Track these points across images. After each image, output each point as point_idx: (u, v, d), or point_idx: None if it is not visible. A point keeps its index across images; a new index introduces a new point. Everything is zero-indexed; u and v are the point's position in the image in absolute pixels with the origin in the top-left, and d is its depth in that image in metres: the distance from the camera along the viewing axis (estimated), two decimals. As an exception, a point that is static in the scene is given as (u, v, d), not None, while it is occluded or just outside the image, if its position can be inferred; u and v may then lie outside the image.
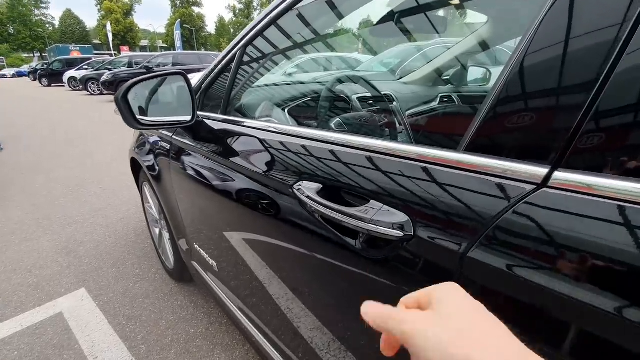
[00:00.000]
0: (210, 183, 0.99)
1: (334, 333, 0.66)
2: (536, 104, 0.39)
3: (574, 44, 0.36)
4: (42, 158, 4.22)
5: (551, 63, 0.38)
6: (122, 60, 13.26)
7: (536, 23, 0.39)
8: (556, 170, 0.35)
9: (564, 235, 0.33)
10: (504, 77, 0.41)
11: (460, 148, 0.44)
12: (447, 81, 1.67)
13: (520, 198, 0.37)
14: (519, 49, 0.40)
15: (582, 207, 0.33)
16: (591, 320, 0.31)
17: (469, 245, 0.39)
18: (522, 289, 0.35)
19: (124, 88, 0.86)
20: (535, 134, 0.38)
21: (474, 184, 0.41)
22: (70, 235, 2.28)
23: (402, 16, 1.26)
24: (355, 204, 0.53)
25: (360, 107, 1.21)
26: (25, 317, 1.51)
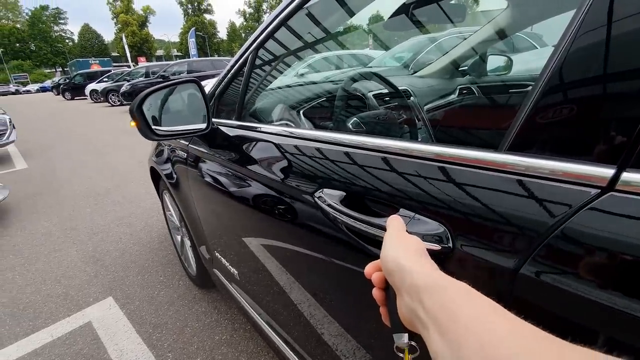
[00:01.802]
0: (228, 190, 0.98)
1: (358, 341, 0.63)
2: (596, 93, 0.33)
3: (629, 21, 0.30)
4: (67, 169, 4.38)
5: (612, 42, 0.31)
6: (140, 70, 13.63)
7: (587, 2, 0.33)
8: (625, 171, 0.30)
9: (637, 246, 0.28)
10: (554, 62, 0.35)
11: (503, 147, 0.38)
12: (467, 73, 1.59)
13: (582, 205, 0.31)
14: (573, 26, 0.34)
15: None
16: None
17: (522, 261, 0.34)
18: (585, 311, 0.30)
19: (138, 99, 0.86)
20: (596, 129, 0.33)
21: (523, 188, 0.36)
22: (97, 244, 2.33)
23: (416, 7, 1.20)
24: (383, 213, 0.49)
25: (376, 104, 1.17)
26: (56, 328, 1.55)
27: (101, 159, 4.82)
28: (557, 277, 0.31)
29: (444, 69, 1.60)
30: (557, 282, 0.31)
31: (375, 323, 0.54)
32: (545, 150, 0.36)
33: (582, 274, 0.30)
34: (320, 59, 3.35)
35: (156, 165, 1.59)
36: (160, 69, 11.63)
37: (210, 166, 1.07)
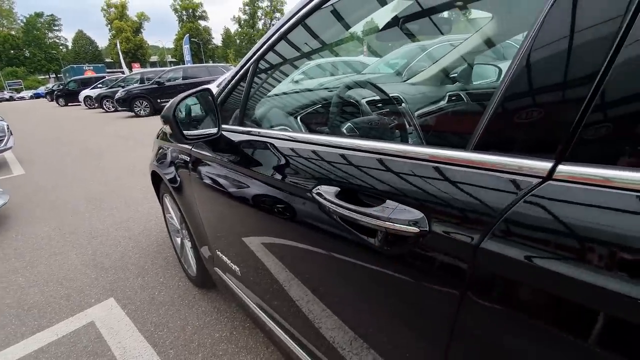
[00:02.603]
0: (230, 191, 1.04)
1: (356, 330, 0.69)
2: (539, 100, 0.41)
3: (575, 39, 0.38)
4: (64, 174, 4.39)
5: (553, 59, 0.40)
6: (134, 77, 13.66)
7: (538, 21, 0.41)
8: (560, 164, 0.38)
9: (569, 225, 0.36)
10: (509, 75, 0.43)
11: (469, 147, 0.47)
12: (454, 80, 1.69)
13: (526, 192, 0.39)
14: (523, 46, 0.42)
15: (586, 197, 0.36)
16: (598, 303, 0.33)
17: (481, 237, 0.42)
18: (531, 276, 0.37)
19: (172, 106, 0.94)
20: (539, 130, 0.41)
21: (483, 180, 0.44)
22: (96, 248, 2.37)
23: (406, 20, 1.29)
24: (372, 204, 0.57)
25: (369, 111, 1.25)
26: (60, 327, 1.59)
27: (98, 164, 4.85)
28: (509, 249, 0.39)
29: (434, 76, 1.69)
30: (510, 253, 0.39)
31: (373, 313, 0.61)
32: (499, 148, 0.44)
33: (528, 246, 0.38)
34: (316, 66, 3.44)
35: (158, 169, 1.64)
36: (155, 75, 11.67)
37: (213, 168, 1.14)
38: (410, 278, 0.52)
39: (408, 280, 0.52)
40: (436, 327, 0.47)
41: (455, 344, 0.45)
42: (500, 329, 0.40)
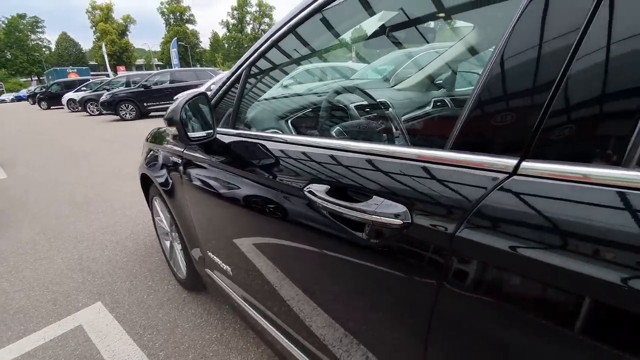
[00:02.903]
0: (223, 192, 1.07)
1: (347, 323, 0.73)
2: (505, 106, 0.47)
3: (534, 53, 0.44)
4: (48, 179, 4.30)
5: (516, 70, 0.46)
6: (120, 80, 13.47)
7: (504, 36, 0.47)
8: (523, 161, 0.43)
9: (532, 213, 0.41)
10: (480, 83, 0.49)
11: (447, 147, 0.52)
12: (438, 86, 1.76)
13: (495, 185, 0.45)
14: (491, 59, 0.48)
15: (546, 190, 0.41)
16: (559, 282, 0.38)
17: (457, 226, 0.47)
18: (502, 260, 0.42)
19: (179, 109, 0.97)
20: (505, 131, 0.46)
21: (458, 176, 0.50)
22: (82, 252, 2.34)
23: (392, 30, 1.35)
24: (360, 200, 0.61)
25: (357, 115, 1.30)
26: (47, 331, 1.57)
27: (82, 167, 4.77)
28: (482, 236, 0.44)
29: (419, 83, 1.76)
30: (482, 240, 0.44)
31: (363, 305, 0.65)
32: (473, 147, 0.49)
33: (499, 233, 0.43)
34: (306, 72, 3.49)
35: (148, 172, 1.65)
36: (142, 79, 11.55)
37: (206, 170, 1.17)
38: (396, 267, 0.56)
39: (394, 269, 0.56)
40: (420, 310, 0.52)
41: (437, 323, 0.50)
42: (476, 308, 0.45)
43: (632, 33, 0.36)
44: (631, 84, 0.37)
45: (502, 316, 0.43)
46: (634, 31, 0.36)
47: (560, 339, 0.38)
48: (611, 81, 0.38)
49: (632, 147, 0.35)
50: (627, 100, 0.37)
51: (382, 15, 1.29)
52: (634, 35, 0.36)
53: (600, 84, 0.39)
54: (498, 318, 0.43)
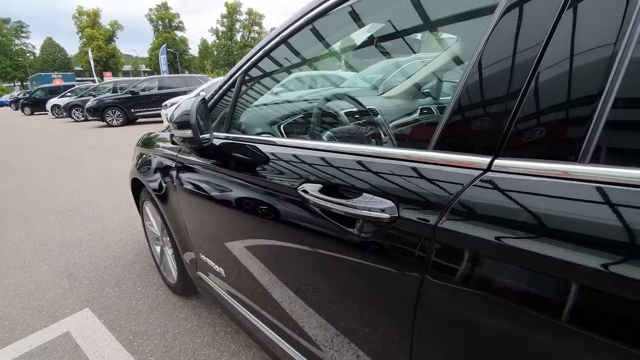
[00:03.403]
0: (217, 195, 1.10)
1: (340, 320, 0.76)
2: (479, 111, 0.52)
3: (503, 63, 0.50)
4: (32, 186, 4.21)
5: (488, 79, 0.52)
6: (107, 85, 13.31)
7: (479, 48, 0.53)
8: (496, 159, 0.49)
9: (504, 204, 0.46)
10: (458, 91, 0.55)
11: (430, 147, 0.57)
12: (423, 94, 1.84)
13: (471, 181, 0.50)
14: (467, 70, 0.54)
15: (516, 184, 0.46)
16: (533, 265, 0.43)
17: (439, 218, 0.51)
18: (480, 247, 0.47)
19: (194, 112, 1.00)
20: (480, 133, 0.52)
21: (439, 173, 0.55)
22: (69, 259, 2.31)
23: (380, 40, 1.42)
24: (351, 197, 0.65)
25: (347, 121, 1.35)
26: (34, 338, 1.55)
27: (68, 174, 4.68)
28: (461, 226, 0.49)
29: (406, 91, 1.83)
30: (461, 229, 0.49)
31: (356, 301, 0.69)
32: (452, 147, 0.55)
33: (475, 222, 0.48)
34: (297, 80, 3.55)
35: (140, 176, 1.66)
36: (129, 85, 11.44)
37: (200, 174, 1.19)
38: (385, 259, 0.60)
39: (383, 262, 0.60)
40: (408, 300, 0.56)
41: (423, 306, 0.54)
42: (459, 294, 0.49)
43: (586, 47, 0.43)
44: (584, 92, 0.43)
45: (484, 302, 0.47)
46: (588, 46, 0.42)
47: (536, 322, 0.42)
48: (569, 89, 0.44)
49: (586, 146, 0.41)
50: (582, 106, 0.43)
51: (370, 27, 1.35)
52: (588, 50, 0.42)
53: (560, 91, 0.44)
54: (480, 303, 0.47)
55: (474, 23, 0.70)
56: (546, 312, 0.41)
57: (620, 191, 0.38)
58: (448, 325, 0.52)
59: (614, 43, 0.40)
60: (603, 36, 0.41)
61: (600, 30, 0.41)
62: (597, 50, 0.41)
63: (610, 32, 0.40)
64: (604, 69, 0.40)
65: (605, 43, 0.41)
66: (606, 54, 0.40)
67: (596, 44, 0.42)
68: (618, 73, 0.39)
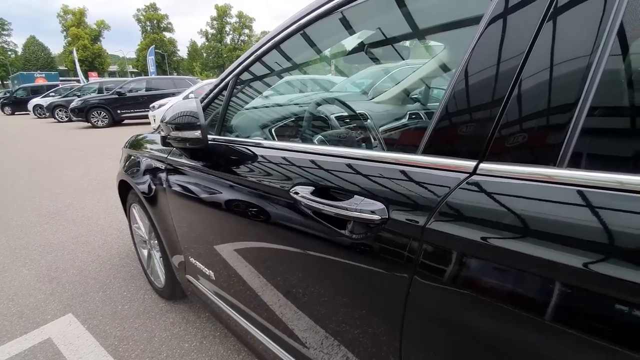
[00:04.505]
0: (208, 198, 1.09)
1: (331, 321, 0.76)
2: (465, 117, 0.55)
3: (487, 72, 0.53)
4: (13, 188, 4.09)
5: (473, 86, 0.54)
6: (92, 86, 13.04)
7: (465, 56, 0.55)
8: (481, 163, 0.51)
9: (489, 206, 0.48)
10: (445, 97, 0.57)
11: (418, 151, 0.60)
12: (412, 99, 1.88)
13: (458, 183, 0.52)
14: (453, 77, 0.57)
15: (500, 187, 0.49)
16: (512, 264, 0.45)
17: (427, 219, 0.53)
18: (466, 247, 0.49)
19: (200, 113, 1.00)
20: (466, 138, 0.54)
21: (427, 176, 0.57)
22: (51, 263, 2.24)
23: (371, 46, 1.45)
24: (342, 199, 0.67)
25: (338, 125, 1.37)
26: (12, 345, 1.50)
27: (51, 176, 4.56)
28: (449, 227, 0.51)
29: (395, 97, 1.87)
30: (449, 230, 0.51)
31: (348, 302, 0.70)
32: (440, 151, 0.57)
33: (462, 223, 0.50)
34: (287, 83, 3.56)
35: (128, 178, 1.64)
36: (116, 85, 11.24)
37: (190, 176, 1.18)
38: (376, 260, 0.62)
39: (374, 262, 0.62)
40: (398, 300, 0.57)
41: (412, 306, 0.56)
42: (447, 293, 0.51)
43: (565, 58, 0.45)
44: (562, 100, 0.45)
45: (469, 302, 0.49)
46: (566, 57, 0.45)
47: (522, 321, 0.44)
48: (549, 97, 0.46)
49: (564, 151, 0.44)
50: (560, 113, 0.45)
51: (361, 34, 1.38)
52: (566, 60, 0.45)
53: (541, 99, 0.47)
54: (468, 303, 0.49)
55: (460, 32, 0.72)
56: (531, 310, 0.42)
57: (597, 194, 0.40)
58: (437, 325, 0.54)
59: (589, 55, 0.43)
60: (580, 48, 0.44)
61: (577, 42, 0.44)
62: (574, 61, 0.44)
63: (586, 44, 0.43)
64: (580, 79, 0.43)
65: (581, 54, 0.44)
66: (582, 64, 0.43)
67: (573, 55, 0.44)
68: (593, 82, 0.42)
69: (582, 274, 0.38)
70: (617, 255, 0.37)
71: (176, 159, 1.25)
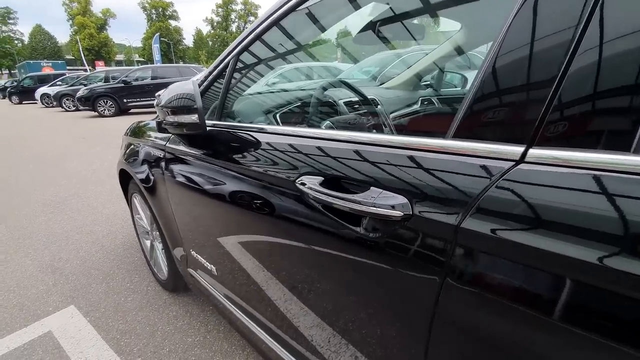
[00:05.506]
0: (208, 187, 1.01)
1: (341, 323, 0.69)
2: (508, 94, 0.45)
3: (537, 45, 0.43)
4: (19, 178, 4.08)
5: (520, 62, 0.44)
6: (99, 75, 13.00)
7: (504, 29, 0.45)
8: (531, 148, 0.41)
9: (540, 202, 0.39)
10: (483, 70, 0.47)
11: (448, 135, 0.50)
12: (425, 85, 1.77)
13: (501, 174, 0.43)
14: (492, 52, 0.46)
15: (555, 177, 0.39)
16: (570, 273, 0.36)
17: (462, 217, 0.44)
18: (508, 251, 0.40)
19: (197, 96, 0.91)
20: (510, 118, 0.44)
21: (461, 165, 0.47)
22: (55, 253, 2.21)
23: (382, 25, 1.33)
24: (356, 191, 0.58)
25: (346, 111, 1.27)
26: (12, 339, 1.46)
27: (56, 166, 4.54)
28: (489, 227, 0.42)
29: (406, 82, 1.75)
30: (489, 230, 0.41)
31: (359, 303, 0.62)
32: (475, 135, 0.47)
33: (505, 223, 0.40)
34: (292, 69, 3.45)
35: (127, 167, 1.57)
36: (122, 74, 11.18)
37: (190, 165, 1.10)
38: (396, 261, 0.53)
39: (394, 264, 0.53)
40: (423, 307, 0.49)
41: (440, 321, 0.47)
42: (482, 303, 0.42)
43: (636, 20, 0.35)
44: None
45: (507, 312, 0.40)
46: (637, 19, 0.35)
47: (569, 335, 0.35)
48: (621, 67, 0.36)
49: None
50: (637, 87, 0.35)
51: (372, 9, 1.27)
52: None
53: (609, 68, 0.37)
54: (503, 314, 0.41)
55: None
56: (595, 330, 0.34)
57: None
58: (470, 338, 0.45)
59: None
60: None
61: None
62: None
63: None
64: None
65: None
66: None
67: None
68: None
69: None
70: None
71: (175, 147, 1.17)
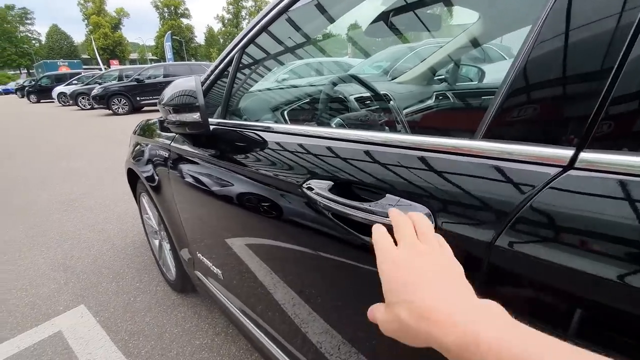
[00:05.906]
0: (212, 189, 0.97)
1: (345, 334, 0.64)
2: (554, 92, 0.38)
3: (586, 30, 0.35)
4: (34, 176, 4.15)
5: (567, 48, 0.37)
6: (112, 73, 13.20)
7: (546, 10, 0.38)
8: (582, 152, 0.34)
9: (598, 217, 0.32)
10: (516, 69, 0.40)
11: (478, 136, 0.42)
12: (441, 79, 1.68)
13: (547, 181, 0.36)
14: (529, 39, 0.39)
15: (613, 185, 0.32)
16: (625, 302, 0.29)
17: (497, 233, 0.37)
18: (551, 276, 0.33)
19: (199, 93, 0.87)
20: (556, 116, 0.37)
21: (495, 171, 0.40)
22: (67, 251, 2.23)
23: (395, 15, 1.26)
24: (370, 199, 0.51)
25: (357, 107, 1.21)
26: (22, 339, 1.46)
27: (71, 164, 4.61)
28: (529, 246, 0.35)
29: (420, 76, 1.67)
30: (529, 250, 0.35)
31: (362, 316, 0.56)
32: (512, 136, 0.40)
33: (552, 243, 0.34)
34: (300, 65, 3.39)
35: (134, 167, 1.55)
36: (135, 72, 11.32)
37: (195, 165, 1.06)
38: None
39: None
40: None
41: None
42: None
43: None
44: None
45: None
46: None
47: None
48: None
49: None
50: None
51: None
52: None
53: None
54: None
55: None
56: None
57: None
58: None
59: None
60: None
61: None
62: None
63: None
64: None
65: None
66: None
67: None
68: None
69: None
70: None
71: (179, 146, 1.13)
